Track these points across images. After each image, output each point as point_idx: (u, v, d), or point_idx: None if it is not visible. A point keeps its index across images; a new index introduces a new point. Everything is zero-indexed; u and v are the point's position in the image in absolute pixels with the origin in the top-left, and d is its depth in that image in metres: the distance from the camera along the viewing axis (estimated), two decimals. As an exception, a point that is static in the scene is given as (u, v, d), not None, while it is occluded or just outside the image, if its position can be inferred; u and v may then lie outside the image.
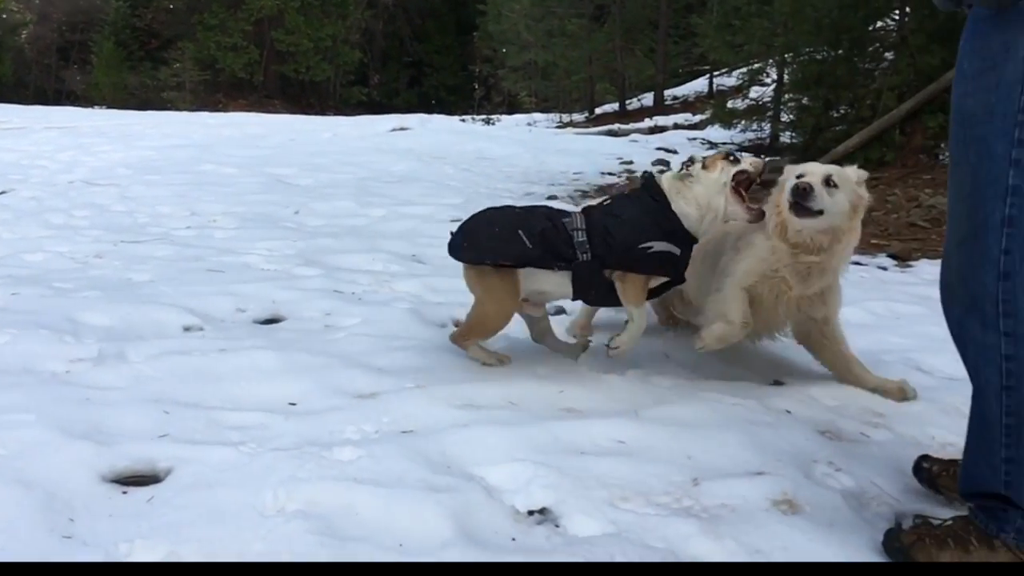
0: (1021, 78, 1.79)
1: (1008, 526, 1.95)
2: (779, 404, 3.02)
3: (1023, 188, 1.81)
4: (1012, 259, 1.85)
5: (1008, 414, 1.91)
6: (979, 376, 1.96)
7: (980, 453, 2.00)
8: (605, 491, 2.30)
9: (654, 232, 3.03)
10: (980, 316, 1.91)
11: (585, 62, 26.99)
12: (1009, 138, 1.81)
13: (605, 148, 13.42)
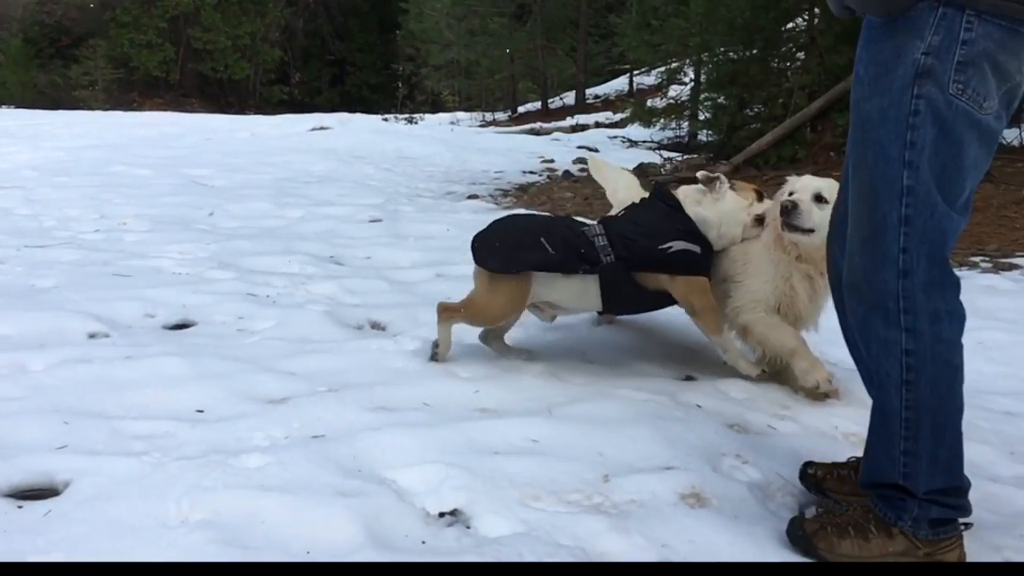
0: (911, 83, 1.85)
1: (905, 515, 2.02)
2: (690, 399, 3.07)
3: (917, 188, 1.88)
4: (910, 257, 1.91)
5: (907, 408, 1.97)
6: (881, 371, 2.01)
7: (881, 445, 2.06)
8: (517, 491, 2.31)
9: (671, 233, 3.13)
10: (883, 313, 1.97)
11: (507, 61, 27.07)
12: (902, 141, 1.87)
13: (527, 147, 13.48)
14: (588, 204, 8.40)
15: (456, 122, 23.79)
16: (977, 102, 1.84)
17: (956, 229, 1.94)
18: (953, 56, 1.81)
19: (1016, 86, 1.89)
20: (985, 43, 1.80)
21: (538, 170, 11.16)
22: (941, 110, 1.84)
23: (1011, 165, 8.76)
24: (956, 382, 1.96)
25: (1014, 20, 1.79)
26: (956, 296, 1.95)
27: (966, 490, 2.04)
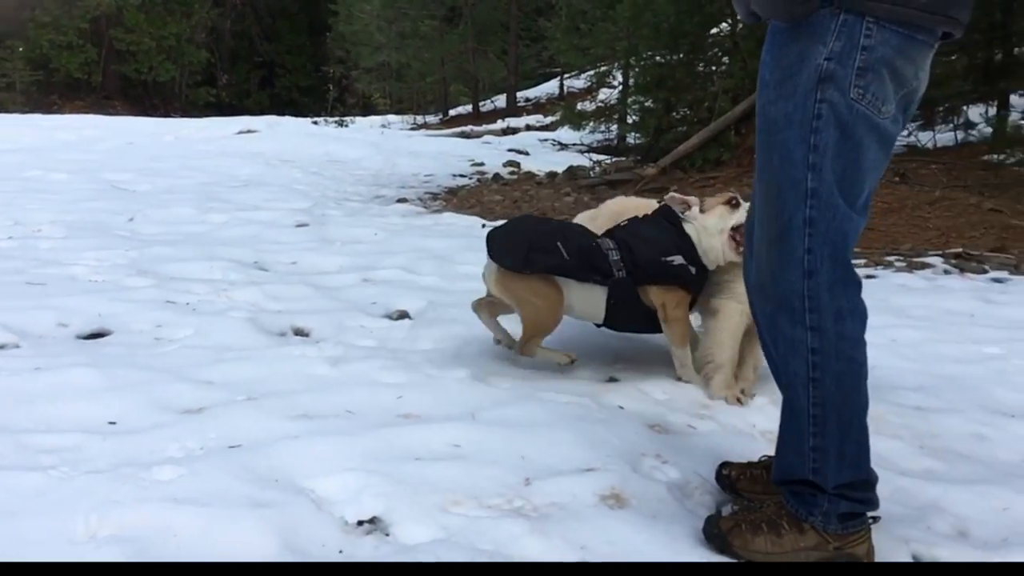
0: (815, 86, 1.89)
1: (816, 510, 2.06)
2: (612, 400, 3.09)
3: (820, 191, 1.92)
4: (815, 258, 1.95)
5: (815, 404, 2.01)
6: (788, 369, 2.06)
7: (791, 442, 2.10)
8: (437, 496, 2.29)
9: (673, 248, 3.19)
10: (789, 313, 2.01)
11: (438, 64, 27.01)
12: (806, 144, 1.91)
13: (457, 150, 13.47)
14: (517, 207, 8.43)
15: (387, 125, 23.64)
16: (876, 106, 1.89)
17: (856, 230, 1.99)
18: (854, 62, 1.86)
19: (913, 91, 1.96)
20: (884, 49, 1.86)
21: (468, 173, 11.16)
22: (843, 114, 1.89)
23: (925, 167, 9.06)
24: (860, 379, 2.02)
25: (911, 27, 1.85)
26: (858, 295, 2.00)
27: (873, 484, 2.09)
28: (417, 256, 5.56)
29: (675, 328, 3.25)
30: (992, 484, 2.59)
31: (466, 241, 6.26)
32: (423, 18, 26.79)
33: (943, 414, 3.18)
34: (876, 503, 2.10)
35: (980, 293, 5.08)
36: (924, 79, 1.97)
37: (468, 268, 5.31)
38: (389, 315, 4.22)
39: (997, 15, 10.96)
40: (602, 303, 3.25)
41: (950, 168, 9.06)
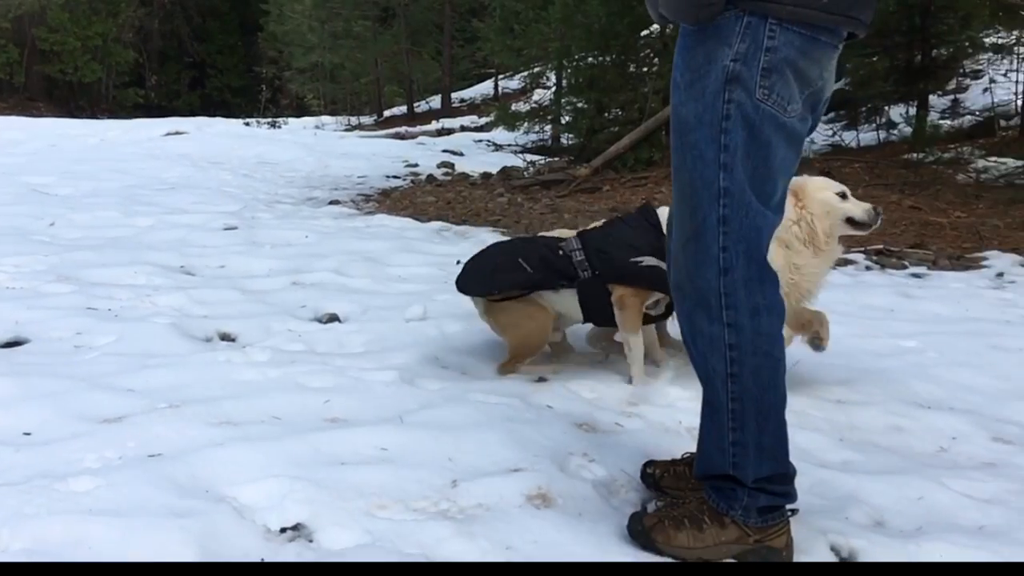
0: (722, 87, 1.93)
1: (736, 504, 2.10)
2: (541, 400, 3.11)
3: (732, 189, 1.96)
4: (730, 255, 1.99)
5: (733, 400, 2.05)
6: (707, 365, 2.09)
7: (711, 438, 2.13)
8: (363, 501, 2.28)
9: (644, 249, 3.25)
10: (707, 310, 2.04)
11: (372, 64, 26.79)
12: (717, 144, 1.94)
13: (391, 151, 13.39)
14: (451, 208, 8.42)
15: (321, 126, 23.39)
16: (782, 106, 1.93)
17: (771, 227, 2.03)
18: (758, 63, 1.90)
19: (819, 91, 2.00)
20: (787, 50, 1.90)
21: (402, 174, 11.11)
22: (750, 114, 1.92)
23: (849, 166, 9.30)
24: (778, 373, 2.06)
25: (814, 28, 1.90)
26: (774, 291, 2.04)
27: (792, 477, 2.14)
28: (348, 258, 5.51)
29: (627, 315, 3.31)
30: (907, 474, 2.67)
31: (399, 243, 6.23)
32: (356, 18, 26.53)
33: (862, 407, 3.26)
34: (795, 496, 2.14)
35: (900, 288, 5.23)
36: (829, 79, 2.02)
37: (400, 270, 5.30)
38: (318, 318, 4.18)
39: (916, 19, 11.30)
40: (577, 303, 3.35)
41: (872, 167, 9.31)
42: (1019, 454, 2.92)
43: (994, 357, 3.87)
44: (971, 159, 9.48)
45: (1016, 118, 10.92)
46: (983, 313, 4.57)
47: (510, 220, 7.71)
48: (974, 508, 2.48)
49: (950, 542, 2.24)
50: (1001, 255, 5.97)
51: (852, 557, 2.19)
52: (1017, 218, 7.00)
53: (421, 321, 4.11)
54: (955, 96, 12.75)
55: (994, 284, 5.34)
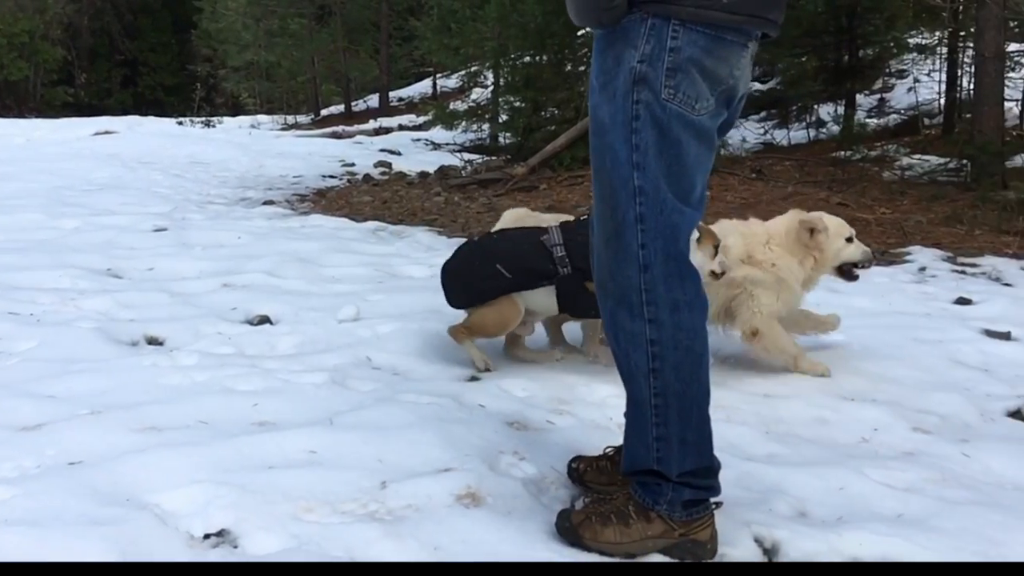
0: (631, 88, 1.97)
1: (661, 499, 2.13)
2: (473, 399, 3.11)
3: (646, 188, 1.99)
4: (648, 252, 2.02)
5: (656, 395, 2.08)
6: (629, 362, 2.11)
7: (635, 433, 2.16)
8: (289, 505, 2.25)
9: None
10: (628, 307, 2.07)
11: (309, 63, 26.50)
12: (630, 144, 1.99)
13: (328, 151, 13.26)
14: (387, 207, 8.37)
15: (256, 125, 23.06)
16: (689, 104, 1.97)
17: (689, 223, 2.07)
18: (663, 63, 1.94)
19: (731, 88, 2.04)
20: (691, 50, 1.94)
21: (338, 174, 11.01)
22: (657, 113, 1.96)
23: (780, 164, 9.49)
24: (700, 368, 2.09)
25: (718, 28, 1.94)
26: (695, 286, 2.08)
27: (716, 470, 2.17)
28: (282, 259, 5.44)
29: None
30: (830, 465, 2.73)
31: (333, 243, 6.18)
32: (292, 16, 26.20)
33: (788, 400, 3.33)
34: (718, 489, 2.18)
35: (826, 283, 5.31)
36: (743, 77, 2.06)
37: (335, 271, 5.25)
38: (249, 320, 4.12)
39: (844, 20, 11.57)
40: (553, 298, 3.40)
41: (802, 164, 9.51)
42: (937, 443, 3.01)
43: (915, 349, 3.98)
44: (896, 157, 9.75)
45: (939, 117, 11.25)
46: (906, 307, 4.70)
47: (447, 219, 7.69)
48: (893, 497, 2.56)
49: (869, 531, 2.31)
50: (924, 250, 6.15)
51: (775, 548, 2.24)
52: (939, 214, 7.21)
53: (354, 322, 4.08)
54: (881, 95, 13.12)
55: (917, 278, 5.49)
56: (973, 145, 7.98)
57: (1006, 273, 5.57)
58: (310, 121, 24.76)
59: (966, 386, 3.56)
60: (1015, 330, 4.25)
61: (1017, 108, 9.83)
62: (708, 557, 2.16)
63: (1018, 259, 5.91)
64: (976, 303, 4.81)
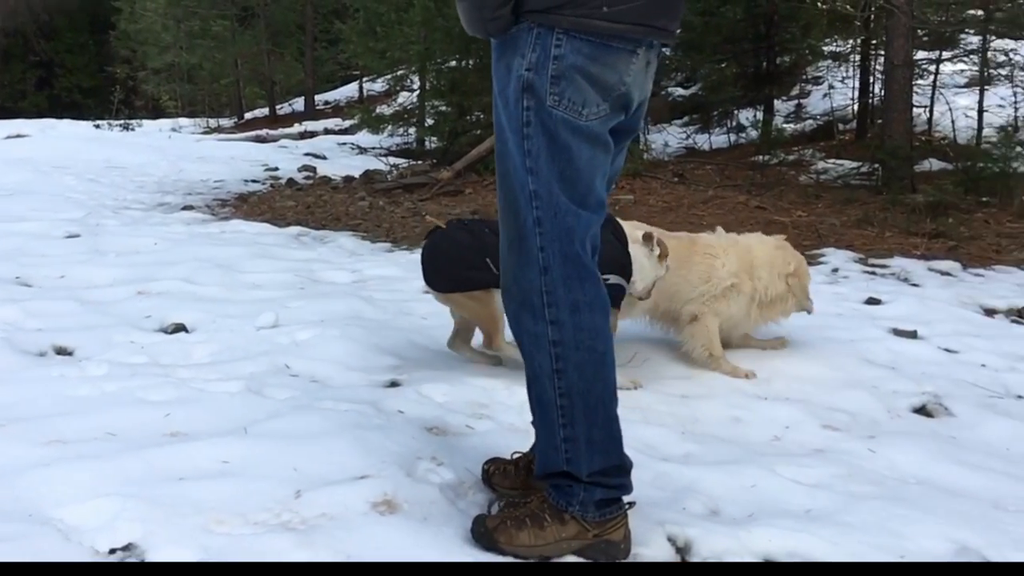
0: (520, 96, 2.02)
1: (574, 500, 2.15)
2: (392, 405, 3.09)
3: (540, 192, 2.04)
4: (547, 255, 2.06)
5: (561, 395, 2.10)
6: (534, 363, 2.14)
7: (545, 436, 2.18)
8: (200, 517, 2.21)
9: (611, 265, 3.25)
10: (531, 309, 2.10)
11: (232, 65, 26.05)
12: (522, 149, 2.04)
13: (251, 155, 13.05)
14: (310, 212, 8.28)
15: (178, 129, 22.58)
16: (575, 110, 2.01)
17: (585, 226, 2.10)
18: (548, 71, 1.98)
19: (625, 94, 2.07)
20: (575, 57, 1.98)
21: (261, 178, 10.84)
22: (545, 120, 2.01)
23: (701, 168, 9.67)
24: (603, 367, 2.11)
25: (601, 36, 1.97)
26: (595, 287, 2.11)
27: (627, 469, 2.20)
28: (200, 266, 5.33)
29: None
30: (743, 464, 2.80)
31: (254, 249, 6.08)
32: (214, 17, 25.70)
33: (704, 400, 3.40)
34: (630, 487, 2.20)
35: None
36: (635, 82, 2.08)
37: (254, 277, 5.16)
38: (164, 329, 4.03)
39: (762, 27, 11.85)
40: None
41: (723, 168, 9.71)
42: (846, 440, 3.11)
43: (827, 349, 4.09)
44: (812, 161, 10.03)
45: (853, 122, 11.60)
46: (819, 307, 4.80)
47: (371, 224, 7.64)
48: (802, 493, 2.63)
49: (778, 527, 2.37)
50: (837, 251, 6.33)
51: (687, 547, 2.28)
52: (852, 216, 7.43)
53: (272, 329, 4.02)
54: (798, 101, 13.47)
55: (830, 279, 5.65)
56: (884, 150, 8.25)
57: (914, 274, 5.77)
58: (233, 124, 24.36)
59: (874, 384, 3.68)
60: (921, 329, 4.41)
61: (926, 114, 10.17)
62: (622, 557, 2.18)
63: (925, 260, 6.13)
64: (885, 303, 4.97)
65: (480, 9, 2.02)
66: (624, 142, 2.27)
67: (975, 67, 10.45)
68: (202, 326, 4.07)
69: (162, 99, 33.38)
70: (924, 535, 2.39)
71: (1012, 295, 5.19)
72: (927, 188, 7.57)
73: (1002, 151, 7.81)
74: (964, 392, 3.66)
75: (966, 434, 3.27)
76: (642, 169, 8.96)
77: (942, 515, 2.53)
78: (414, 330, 4.10)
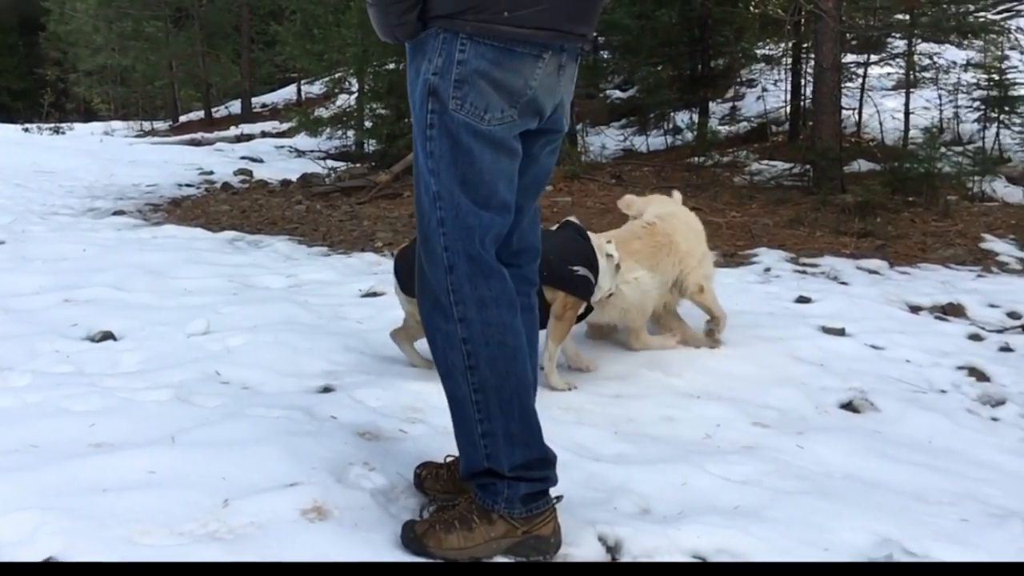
0: (425, 99, 2.05)
1: (499, 497, 2.16)
2: (325, 411, 3.06)
3: (442, 193, 2.08)
4: (451, 254, 2.10)
5: (475, 391, 2.13)
6: (447, 362, 2.16)
7: (464, 435, 2.20)
8: (124, 528, 2.16)
9: (579, 258, 3.46)
10: (441, 309, 2.14)
11: (166, 67, 25.58)
12: (426, 151, 2.08)
13: (185, 158, 12.82)
14: (245, 216, 8.16)
15: (110, 132, 22.11)
16: (477, 115, 2.03)
17: (486, 226, 2.11)
18: (451, 75, 2.01)
19: (533, 98, 2.08)
20: (478, 62, 2.00)
21: (196, 183, 10.65)
22: (447, 123, 2.04)
23: (638, 169, 9.77)
24: (515, 361, 2.13)
25: (504, 40, 2.00)
26: (501, 283, 2.13)
27: (551, 461, 2.20)
28: (130, 272, 5.22)
29: (561, 327, 3.52)
30: (674, 462, 2.83)
31: (186, 254, 5.97)
32: (147, 18, 25.21)
33: (638, 400, 3.43)
34: (555, 479, 2.21)
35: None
36: (542, 86, 2.09)
37: (186, 283, 5.08)
38: (91, 337, 3.94)
39: (696, 31, 12.02)
40: None
41: (659, 170, 9.82)
42: (775, 437, 3.17)
43: (758, 347, 4.16)
44: (746, 162, 10.19)
45: (785, 124, 11.83)
46: (751, 306, 4.90)
47: (308, 228, 7.56)
48: (731, 490, 2.67)
49: (707, 524, 2.40)
50: (769, 251, 6.45)
51: (618, 546, 2.30)
52: (784, 217, 7.57)
53: (203, 336, 3.96)
54: (733, 103, 13.68)
55: (762, 279, 5.75)
56: (814, 151, 8.41)
57: (843, 272, 5.90)
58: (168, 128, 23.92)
59: (803, 381, 3.76)
60: (849, 326, 4.51)
61: (855, 116, 10.42)
62: (552, 552, 2.19)
63: (854, 259, 6.27)
64: (815, 301, 5.07)
65: (386, 15, 2.05)
66: (549, 143, 2.28)
67: (901, 70, 10.73)
68: (131, 334, 3.99)
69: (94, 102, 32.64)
70: (847, 528, 2.44)
71: (936, 292, 5.33)
72: (856, 188, 7.74)
73: (927, 152, 8.01)
74: (889, 387, 3.76)
75: (890, 428, 3.36)
76: (580, 171, 9.01)
77: (865, 508, 2.59)
78: (349, 334, 4.07)
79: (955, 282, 5.67)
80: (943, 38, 10.84)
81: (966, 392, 3.82)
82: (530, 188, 2.30)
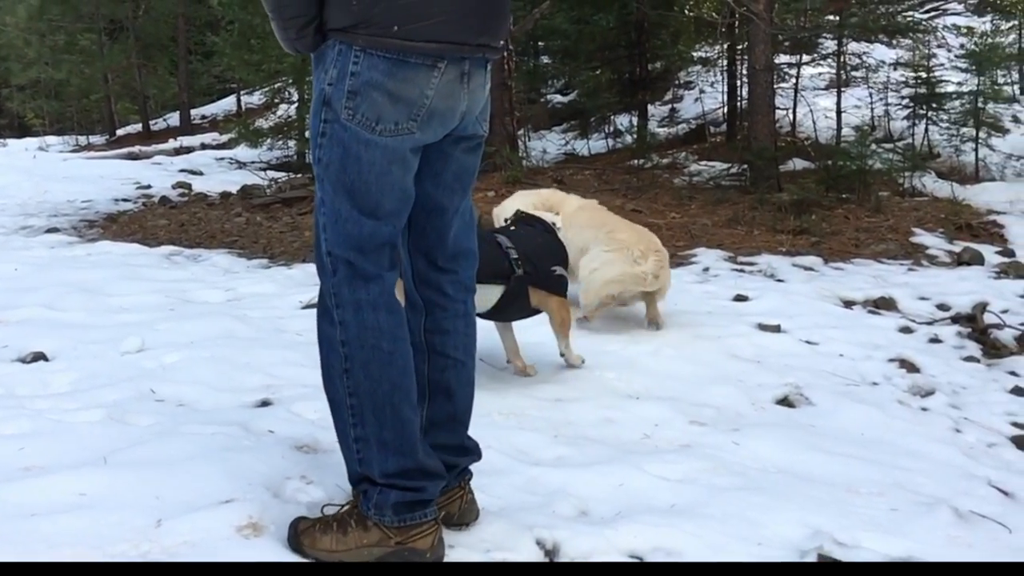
0: (320, 108, 2.09)
1: (370, 503, 2.16)
2: (262, 425, 3.04)
3: (325, 199, 2.13)
4: (333, 259, 2.13)
5: (350, 395, 2.14)
6: (328, 365, 2.19)
7: (342, 439, 2.21)
8: (53, 553, 2.13)
9: (558, 259, 3.65)
10: (325, 311, 2.18)
11: (102, 80, 25.07)
12: (316, 159, 2.13)
13: (122, 173, 12.55)
14: (184, 230, 8.04)
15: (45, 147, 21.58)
16: (369, 125, 2.05)
17: (369, 234, 2.11)
18: (345, 86, 2.04)
19: (430, 108, 2.08)
20: (370, 73, 2.02)
21: (132, 197, 10.45)
22: (339, 132, 2.07)
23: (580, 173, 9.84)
24: (390, 367, 2.12)
25: (396, 52, 2.01)
26: (378, 289, 2.13)
27: (431, 472, 2.17)
28: (64, 290, 5.11)
29: (566, 327, 3.76)
30: (613, 463, 2.86)
31: (122, 271, 5.87)
32: (80, 31, 24.70)
33: (577, 403, 3.46)
34: (431, 491, 2.18)
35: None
36: (447, 94, 2.10)
37: (121, 300, 4.99)
38: (22, 359, 3.85)
39: (633, 35, 12.15)
40: (495, 298, 3.43)
41: (601, 173, 9.90)
42: (712, 434, 3.22)
43: (697, 346, 4.23)
44: (686, 163, 10.33)
45: (723, 125, 12.01)
46: (690, 306, 4.97)
47: (248, 240, 7.48)
48: (668, 489, 2.71)
49: (644, 523, 2.44)
50: (708, 251, 6.54)
51: (556, 549, 2.32)
52: (723, 216, 7.69)
53: (138, 353, 3.89)
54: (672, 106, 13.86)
55: (701, 278, 5.83)
56: (751, 151, 8.56)
57: (780, 270, 6.01)
58: (105, 141, 23.42)
59: (740, 378, 3.82)
60: (785, 323, 4.60)
61: (789, 116, 10.61)
62: None
63: (790, 256, 6.39)
64: (752, 299, 5.16)
65: (285, 30, 2.08)
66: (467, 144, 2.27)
67: (833, 70, 10.96)
68: (63, 354, 3.91)
69: (28, 117, 31.86)
70: (780, 522, 2.50)
71: (868, 287, 5.47)
72: (792, 187, 7.89)
73: (859, 149, 8.21)
74: (823, 382, 3.85)
75: (824, 422, 3.44)
76: (522, 176, 9.03)
77: (799, 501, 2.65)
78: (288, 347, 4.04)
79: (887, 276, 5.81)
80: (872, 38, 11.11)
81: (897, 384, 3.93)
82: (454, 186, 2.30)
